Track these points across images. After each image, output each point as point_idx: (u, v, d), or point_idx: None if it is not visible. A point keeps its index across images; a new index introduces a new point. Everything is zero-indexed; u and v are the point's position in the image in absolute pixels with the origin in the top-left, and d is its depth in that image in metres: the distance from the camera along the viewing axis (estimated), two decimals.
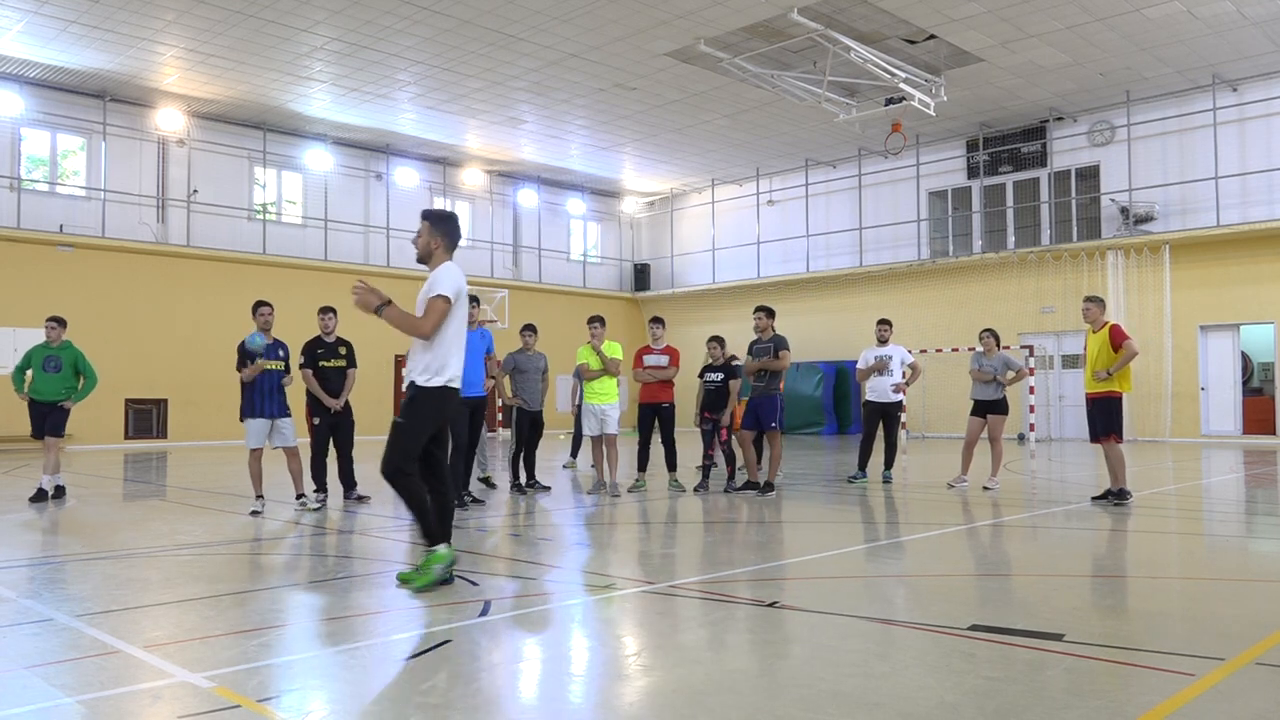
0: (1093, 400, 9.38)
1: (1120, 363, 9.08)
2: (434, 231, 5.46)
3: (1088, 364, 9.40)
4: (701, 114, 22.14)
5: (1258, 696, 3.37)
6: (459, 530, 7.79)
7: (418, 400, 5.28)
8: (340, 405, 9.28)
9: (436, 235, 5.45)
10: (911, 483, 11.72)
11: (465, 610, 4.77)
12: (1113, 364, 9.11)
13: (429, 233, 5.45)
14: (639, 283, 31.19)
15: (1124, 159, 21.47)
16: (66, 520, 8.48)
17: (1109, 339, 9.19)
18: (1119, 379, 9.18)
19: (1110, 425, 9.29)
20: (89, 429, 19.86)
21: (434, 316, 5.24)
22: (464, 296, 5.41)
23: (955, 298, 23.62)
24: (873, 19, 16.74)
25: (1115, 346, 9.14)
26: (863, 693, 3.38)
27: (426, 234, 5.45)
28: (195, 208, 22.12)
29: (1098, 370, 9.20)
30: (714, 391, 10.60)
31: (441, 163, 26.40)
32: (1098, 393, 9.29)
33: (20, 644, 4.15)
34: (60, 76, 19.60)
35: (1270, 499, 10.30)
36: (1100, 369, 9.19)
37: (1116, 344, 9.14)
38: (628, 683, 3.62)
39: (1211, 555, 6.73)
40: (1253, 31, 17.49)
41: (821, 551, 6.65)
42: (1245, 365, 21.01)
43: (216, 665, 3.76)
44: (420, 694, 3.49)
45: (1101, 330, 9.32)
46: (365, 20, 16.61)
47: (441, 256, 5.46)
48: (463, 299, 5.39)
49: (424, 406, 5.28)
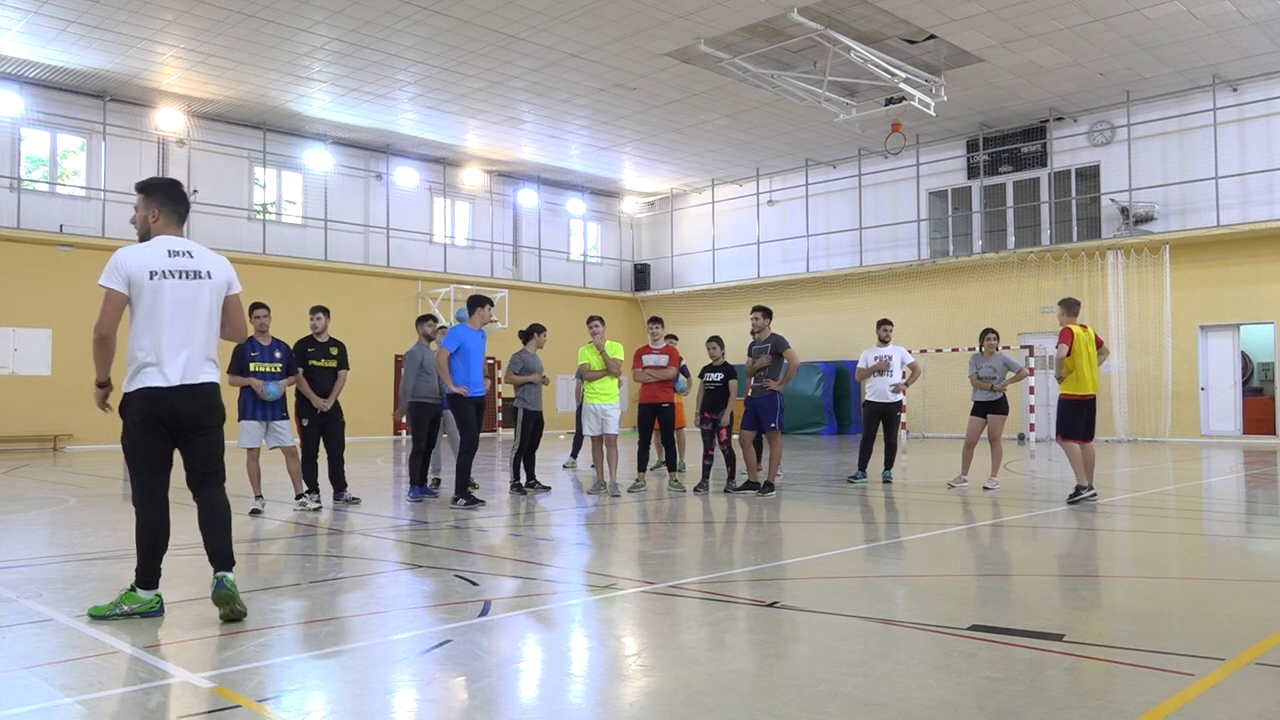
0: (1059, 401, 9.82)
1: (1057, 364, 9.43)
2: (149, 203, 4.67)
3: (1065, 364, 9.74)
4: (701, 114, 22.13)
5: (1258, 696, 3.37)
6: (460, 530, 7.80)
7: (123, 409, 4.58)
8: (329, 406, 9.19)
9: (153, 206, 4.67)
10: (911, 483, 11.72)
11: (465, 610, 4.77)
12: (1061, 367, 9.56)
13: (144, 205, 4.68)
14: (639, 283, 31.19)
15: (1124, 159, 21.46)
16: (66, 520, 8.48)
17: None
18: (1070, 381, 9.43)
19: (1061, 426, 9.54)
20: (89, 429, 19.87)
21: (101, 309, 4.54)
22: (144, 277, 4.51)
23: (955, 298, 23.62)
24: (873, 19, 16.74)
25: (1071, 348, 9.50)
26: (863, 693, 3.38)
27: (142, 207, 4.69)
28: (195, 208, 22.07)
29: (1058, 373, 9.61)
30: (714, 391, 10.60)
31: (441, 163, 26.40)
32: (1061, 394, 9.66)
33: (20, 644, 4.15)
34: (60, 76, 19.60)
35: (1270, 499, 10.30)
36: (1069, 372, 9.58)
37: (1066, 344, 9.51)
38: (628, 683, 3.62)
39: (1211, 555, 6.73)
40: (1253, 31, 17.49)
41: (821, 551, 6.65)
42: (1245, 365, 21.01)
43: (216, 665, 3.77)
44: (420, 694, 3.49)
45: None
46: (365, 20, 16.61)
47: (163, 229, 4.66)
48: (144, 282, 4.50)
49: (126, 416, 4.57)
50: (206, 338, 4.65)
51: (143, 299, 4.52)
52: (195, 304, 4.59)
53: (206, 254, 4.72)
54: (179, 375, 4.52)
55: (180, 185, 4.87)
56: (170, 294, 4.53)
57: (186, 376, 4.54)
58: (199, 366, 4.59)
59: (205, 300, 4.63)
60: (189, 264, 4.60)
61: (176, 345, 4.53)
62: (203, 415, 4.61)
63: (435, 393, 9.86)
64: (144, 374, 4.51)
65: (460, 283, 25.87)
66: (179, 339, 4.54)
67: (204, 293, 4.63)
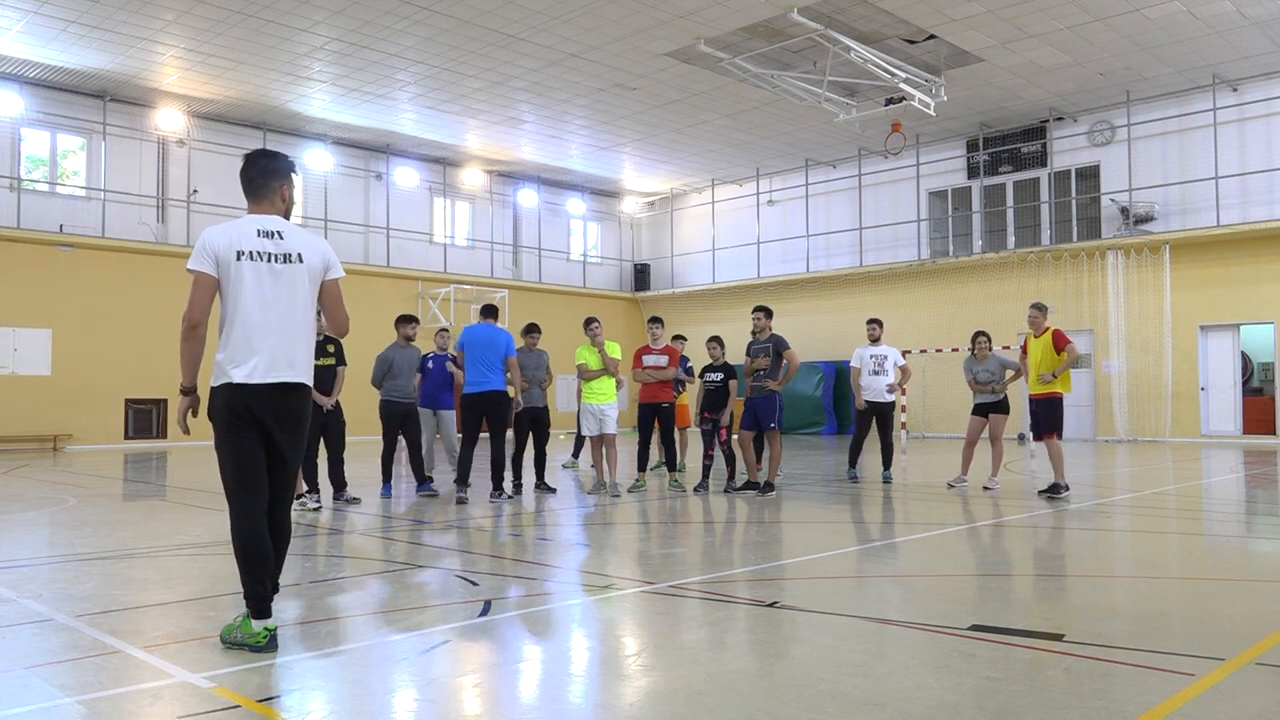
0: (1037, 401, 10.05)
1: (1064, 365, 9.73)
2: (241, 179, 4.31)
3: (1032, 368, 10.00)
4: (701, 114, 22.13)
5: (1258, 696, 3.37)
6: (460, 529, 7.80)
7: (210, 410, 4.13)
8: (331, 404, 9.22)
9: (242, 182, 4.30)
10: (911, 483, 11.72)
11: (465, 610, 4.77)
12: (1057, 367, 9.76)
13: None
14: (639, 283, 31.19)
15: (1124, 159, 21.46)
16: (66, 520, 8.48)
17: (1052, 343, 9.85)
18: (1061, 381, 9.84)
19: (1053, 424, 9.90)
20: (89, 429, 19.88)
21: (191, 295, 4.02)
22: (229, 258, 4.03)
23: (955, 298, 23.62)
24: (873, 19, 16.74)
25: (1058, 350, 9.79)
26: (863, 693, 3.38)
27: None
28: (195, 208, 22.12)
29: (1043, 374, 9.84)
30: (714, 391, 10.60)
31: (441, 163, 26.40)
32: (1041, 394, 9.94)
33: (20, 644, 4.15)
34: (60, 76, 19.60)
35: (1270, 499, 10.30)
36: (1045, 372, 9.82)
37: (1059, 348, 9.80)
38: (628, 683, 3.62)
39: (1211, 555, 6.73)
40: (1253, 31, 17.49)
41: (821, 551, 6.65)
42: (1245, 365, 21.01)
43: (216, 665, 3.76)
44: (420, 694, 3.49)
45: (1044, 335, 9.97)
46: (365, 20, 16.61)
47: (252, 208, 4.25)
48: (231, 263, 4.02)
49: (214, 417, 4.10)
50: (296, 330, 4.10)
51: (229, 283, 4.02)
52: (287, 291, 4.07)
53: (300, 234, 4.21)
54: (264, 372, 4.01)
55: (268, 158, 4.30)
56: (256, 277, 4.02)
57: (271, 374, 4.03)
58: (287, 363, 4.06)
59: (296, 287, 4.10)
60: (279, 245, 4.09)
61: (264, 336, 4.01)
62: (285, 420, 4.08)
63: (407, 393, 10.33)
64: (229, 368, 4.00)
65: (460, 283, 25.88)
66: (267, 330, 4.02)
67: (295, 279, 4.10)
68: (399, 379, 10.28)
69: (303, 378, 4.14)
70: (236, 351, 4.00)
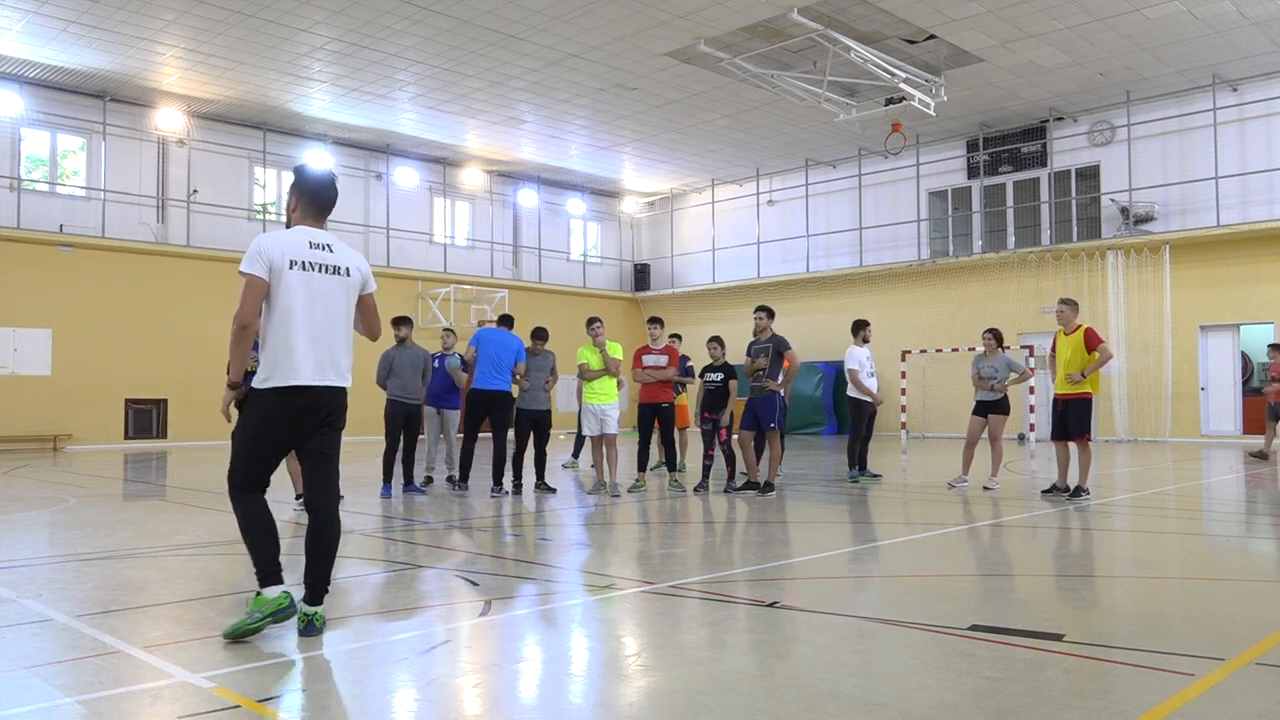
0: (1066, 401, 9.64)
1: (1095, 365, 9.35)
2: (292, 190, 4.52)
3: (1060, 366, 9.61)
4: (701, 114, 22.13)
5: (1258, 696, 3.37)
6: (461, 529, 7.80)
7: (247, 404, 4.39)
8: None
9: (293, 194, 4.50)
10: (911, 483, 11.72)
11: (465, 610, 4.77)
12: (1087, 366, 9.36)
13: (290, 192, 4.54)
14: (639, 283, 31.19)
15: (1124, 159, 21.46)
16: (66, 520, 8.48)
17: (1084, 342, 9.44)
18: (1090, 381, 9.45)
19: (1084, 425, 9.59)
20: (89, 429, 19.88)
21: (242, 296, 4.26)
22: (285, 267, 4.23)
23: (955, 298, 23.62)
24: (873, 19, 16.74)
25: (1090, 349, 9.40)
26: (863, 693, 3.38)
27: (289, 194, 4.54)
28: (195, 208, 22.12)
29: (1071, 373, 9.43)
30: (714, 391, 10.60)
31: (441, 163, 26.40)
32: (1071, 394, 9.55)
33: (20, 644, 4.15)
34: (60, 76, 19.60)
35: (1270, 499, 10.29)
36: (1074, 371, 9.41)
37: (1091, 347, 9.41)
38: (628, 683, 3.62)
39: (1211, 555, 6.73)
40: (1253, 31, 17.49)
41: (821, 551, 6.65)
42: (1245, 365, 21.00)
43: (216, 665, 3.76)
44: (420, 694, 3.49)
45: (1075, 333, 9.57)
46: (365, 20, 16.61)
47: (302, 220, 4.47)
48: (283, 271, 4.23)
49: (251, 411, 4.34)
50: (341, 338, 4.37)
51: (280, 289, 4.21)
52: (332, 301, 4.32)
53: (346, 250, 4.47)
54: (310, 375, 4.23)
55: (326, 179, 4.56)
56: (306, 287, 4.25)
57: (318, 377, 4.25)
58: (331, 368, 4.30)
59: (342, 298, 4.37)
60: (328, 258, 4.34)
61: (310, 343, 4.23)
62: (329, 420, 4.34)
63: (412, 393, 10.38)
64: (275, 371, 4.20)
65: (460, 283, 25.88)
66: (313, 336, 4.24)
67: (340, 290, 4.37)
68: (401, 378, 10.35)
69: (344, 381, 4.41)
70: (280, 355, 4.21)
